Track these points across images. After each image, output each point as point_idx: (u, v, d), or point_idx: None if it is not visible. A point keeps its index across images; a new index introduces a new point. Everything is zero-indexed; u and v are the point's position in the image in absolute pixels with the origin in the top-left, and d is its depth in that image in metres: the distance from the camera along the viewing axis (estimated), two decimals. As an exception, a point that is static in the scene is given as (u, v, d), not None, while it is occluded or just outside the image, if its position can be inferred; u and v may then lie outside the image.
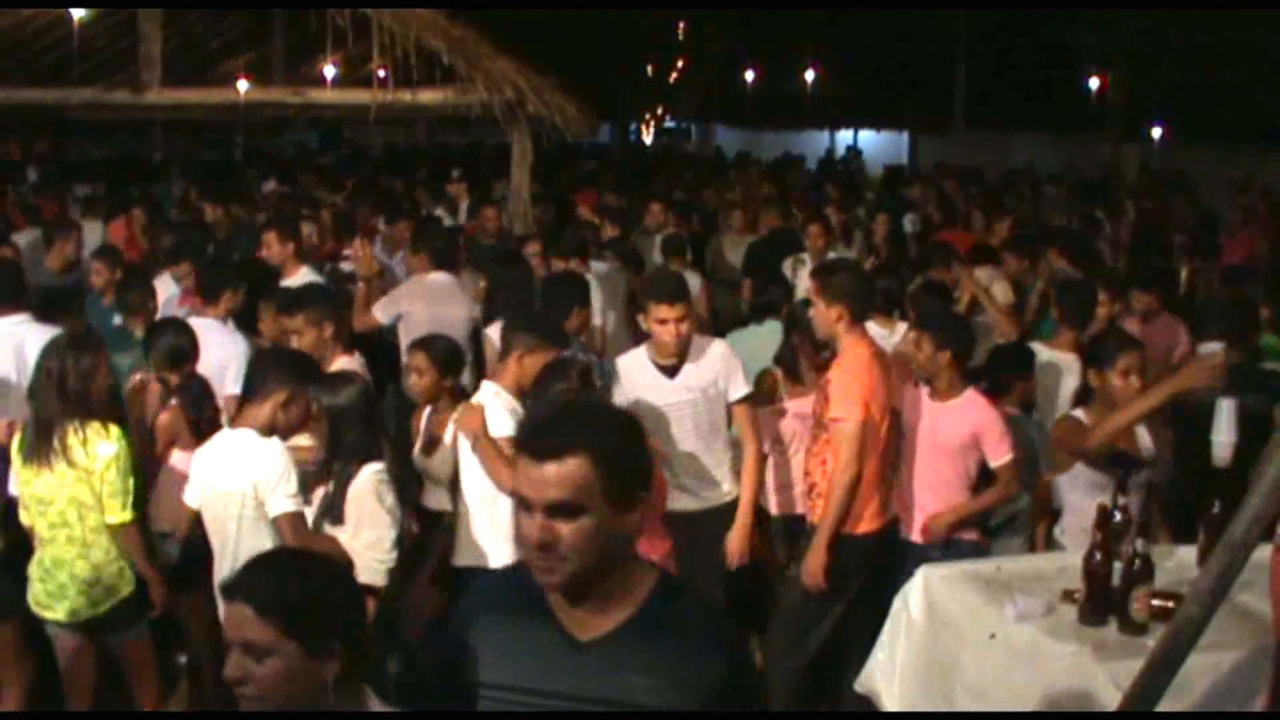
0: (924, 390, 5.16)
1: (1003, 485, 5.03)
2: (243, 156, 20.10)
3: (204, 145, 21.98)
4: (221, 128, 18.70)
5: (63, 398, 4.49)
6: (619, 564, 2.27)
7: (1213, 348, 5.32)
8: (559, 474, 2.19)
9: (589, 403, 2.81)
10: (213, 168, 17.36)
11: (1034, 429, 5.47)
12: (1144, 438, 4.77)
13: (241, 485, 4.34)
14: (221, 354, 5.84)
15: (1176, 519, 4.79)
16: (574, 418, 2.34)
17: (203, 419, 5.27)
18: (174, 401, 5.26)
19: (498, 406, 4.91)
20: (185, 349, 5.42)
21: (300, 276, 7.21)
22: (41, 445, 4.48)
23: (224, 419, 5.27)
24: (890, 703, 4.13)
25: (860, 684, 4.26)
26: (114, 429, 4.57)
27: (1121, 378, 4.67)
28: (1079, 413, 4.84)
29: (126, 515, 4.57)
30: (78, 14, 11.28)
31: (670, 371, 5.19)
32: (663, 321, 5.07)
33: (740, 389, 5.27)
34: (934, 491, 5.04)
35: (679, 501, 5.19)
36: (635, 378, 5.23)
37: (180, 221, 10.53)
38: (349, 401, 4.44)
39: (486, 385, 5.10)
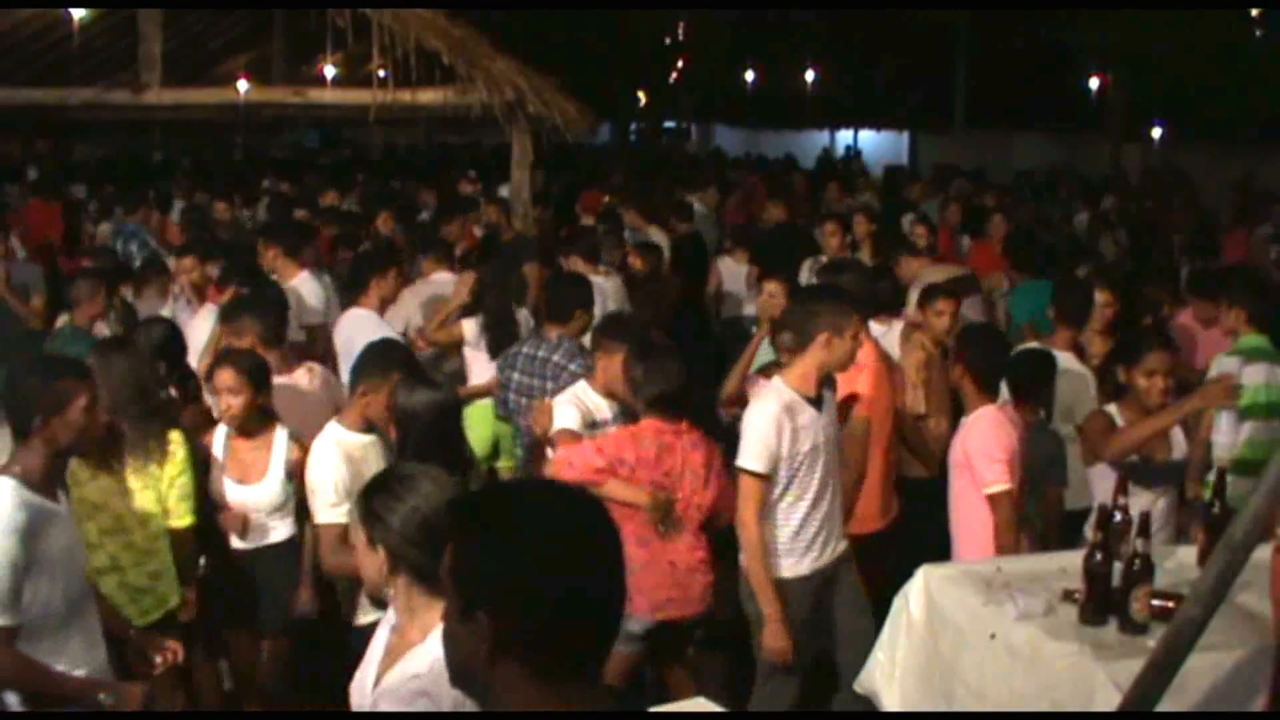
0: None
1: (998, 520, 4.51)
2: (243, 156, 20.12)
3: (204, 145, 21.97)
4: (221, 128, 18.68)
5: (128, 402, 4.37)
6: (489, 677, 1.95)
7: (1230, 365, 5.34)
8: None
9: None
10: (217, 168, 17.38)
11: (1050, 438, 5.25)
12: (1178, 439, 4.76)
13: (309, 479, 4.40)
14: None
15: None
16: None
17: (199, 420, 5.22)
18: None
19: (566, 403, 4.90)
20: (173, 347, 5.37)
21: (298, 281, 7.19)
22: (101, 450, 4.28)
23: None
24: (890, 703, 4.13)
25: (860, 684, 4.25)
26: (176, 433, 4.51)
27: (1146, 378, 4.65)
28: (1111, 408, 4.79)
29: (191, 519, 4.53)
30: (78, 14, 11.29)
31: (817, 403, 4.45)
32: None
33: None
34: (955, 511, 4.76)
35: (813, 554, 4.55)
36: (793, 419, 4.36)
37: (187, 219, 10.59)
38: (418, 408, 4.15)
39: (579, 384, 5.11)
